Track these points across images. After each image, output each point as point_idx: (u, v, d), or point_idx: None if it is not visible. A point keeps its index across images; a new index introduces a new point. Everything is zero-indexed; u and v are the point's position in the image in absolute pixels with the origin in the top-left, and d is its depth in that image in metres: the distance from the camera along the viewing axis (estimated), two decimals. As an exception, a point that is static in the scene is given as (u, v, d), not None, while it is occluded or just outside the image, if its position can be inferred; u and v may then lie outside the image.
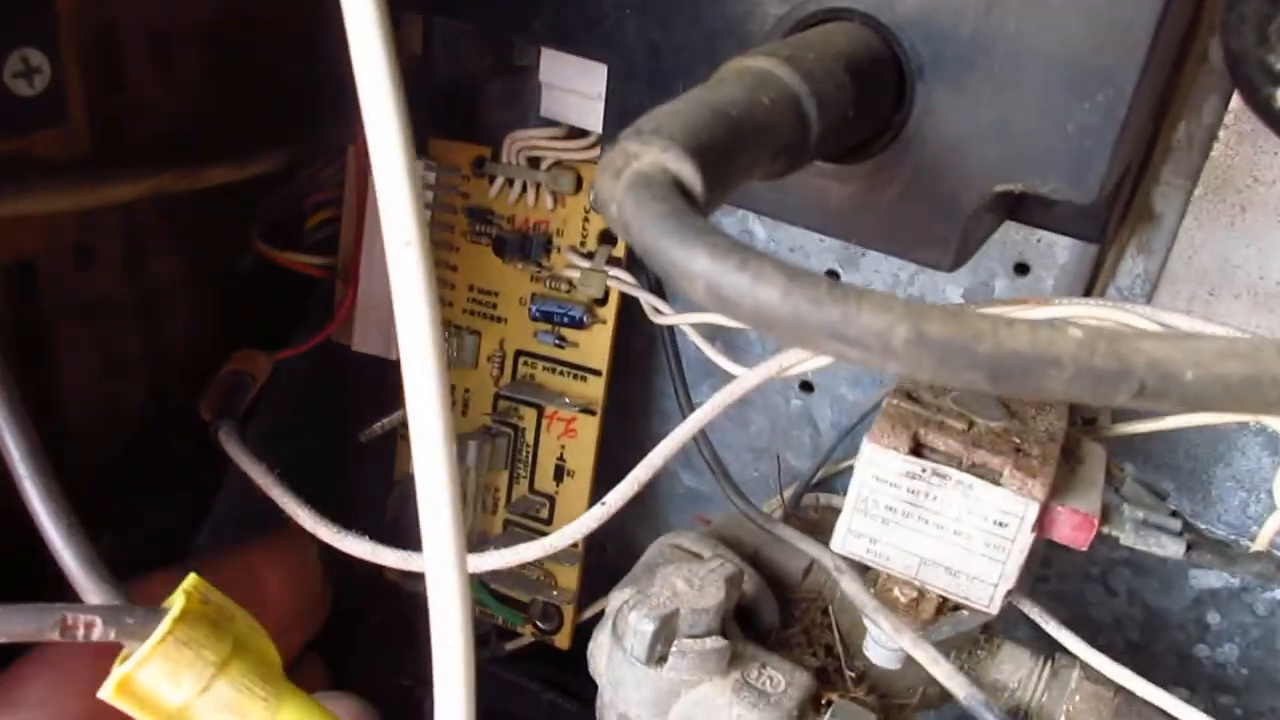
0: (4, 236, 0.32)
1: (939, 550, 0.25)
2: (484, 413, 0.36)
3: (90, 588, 0.19)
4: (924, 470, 0.24)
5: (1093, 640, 0.27)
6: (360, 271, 0.36)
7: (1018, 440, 0.25)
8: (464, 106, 0.37)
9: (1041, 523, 0.24)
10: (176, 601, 0.18)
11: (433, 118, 0.37)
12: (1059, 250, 0.30)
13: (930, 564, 0.25)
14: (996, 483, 0.24)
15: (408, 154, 0.15)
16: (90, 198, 0.33)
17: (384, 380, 0.37)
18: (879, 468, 0.24)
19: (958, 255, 0.24)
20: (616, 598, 0.26)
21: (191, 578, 0.19)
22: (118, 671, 0.18)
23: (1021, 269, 0.31)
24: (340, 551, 0.33)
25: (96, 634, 0.18)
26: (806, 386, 0.36)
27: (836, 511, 0.34)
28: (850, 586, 0.26)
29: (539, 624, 0.37)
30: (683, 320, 0.31)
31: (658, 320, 0.32)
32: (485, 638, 0.39)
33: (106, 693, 0.18)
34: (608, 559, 0.39)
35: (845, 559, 0.26)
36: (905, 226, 0.24)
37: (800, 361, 0.26)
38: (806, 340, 0.15)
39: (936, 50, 0.22)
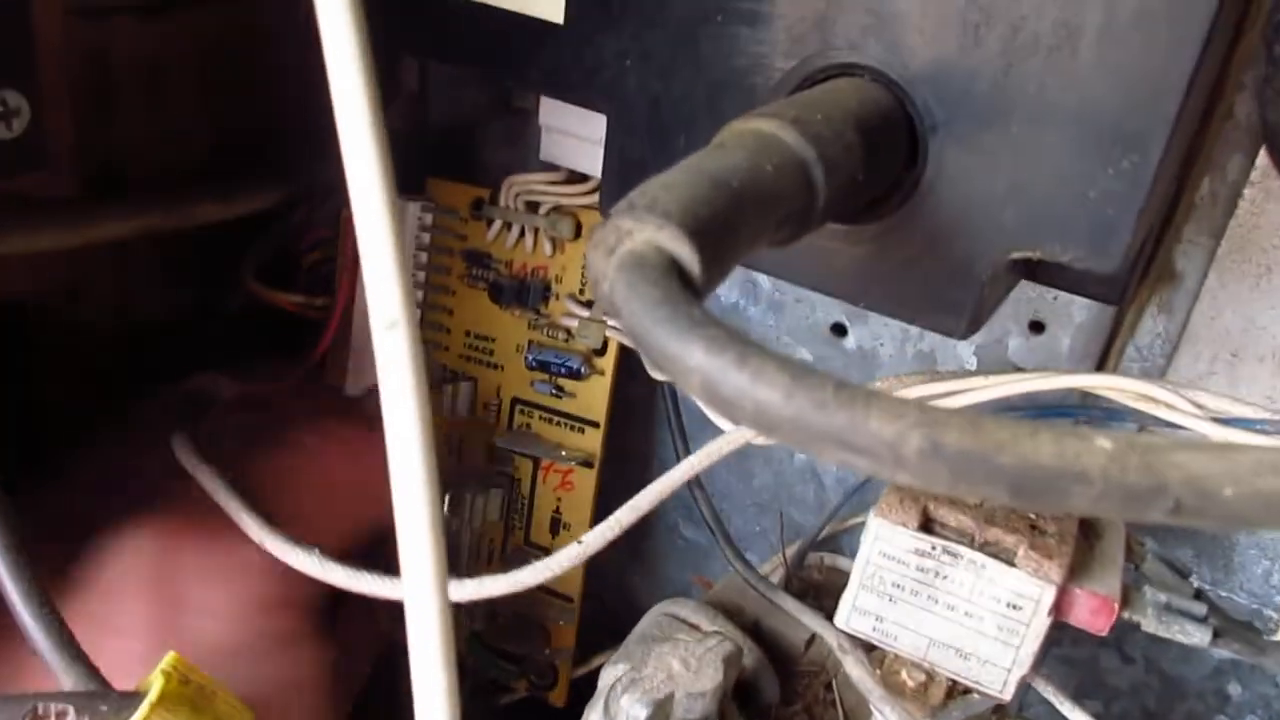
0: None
1: (949, 632, 0.23)
2: (479, 462, 0.35)
3: (62, 668, 0.18)
4: (934, 548, 0.23)
5: (1108, 708, 0.26)
6: (356, 312, 0.34)
7: (1033, 517, 0.24)
8: (462, 147, 0.36)
9: (1059, 605, 0.23)
10: (154, 684, 0.17)
11: (430, 157, 0.36)
12: (1076, 309, 0.29)
13: (940, 645, 0.24)
14: (1010, 563, 0.23)
15: (394, 230, 0.14)
16: (75, 237, 0.32)
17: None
18: (886, 544, 0.23)
19: (971, 322, 0.23)
20: (609, 674, 0.25)
21: (171, 656, 0.18)
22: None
23: (1037, 327, 0.29)
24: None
25: None
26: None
27: (842, 573, 0.33)
28: (855, 670, 0.24)
29: (533, 679, 0.36)
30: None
31: (656, 375, 0.31)
32: (477, 691, 0.38)
33: None
34: (605, 612, 0.38)
35: (850, 637, 0.25)
36: (916, 291, 0.23)
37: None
38: (810, 446, 0.13)
39: (951, 109, 0.21)
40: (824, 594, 0.31)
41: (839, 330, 0.33)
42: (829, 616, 0.28)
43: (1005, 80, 0.20)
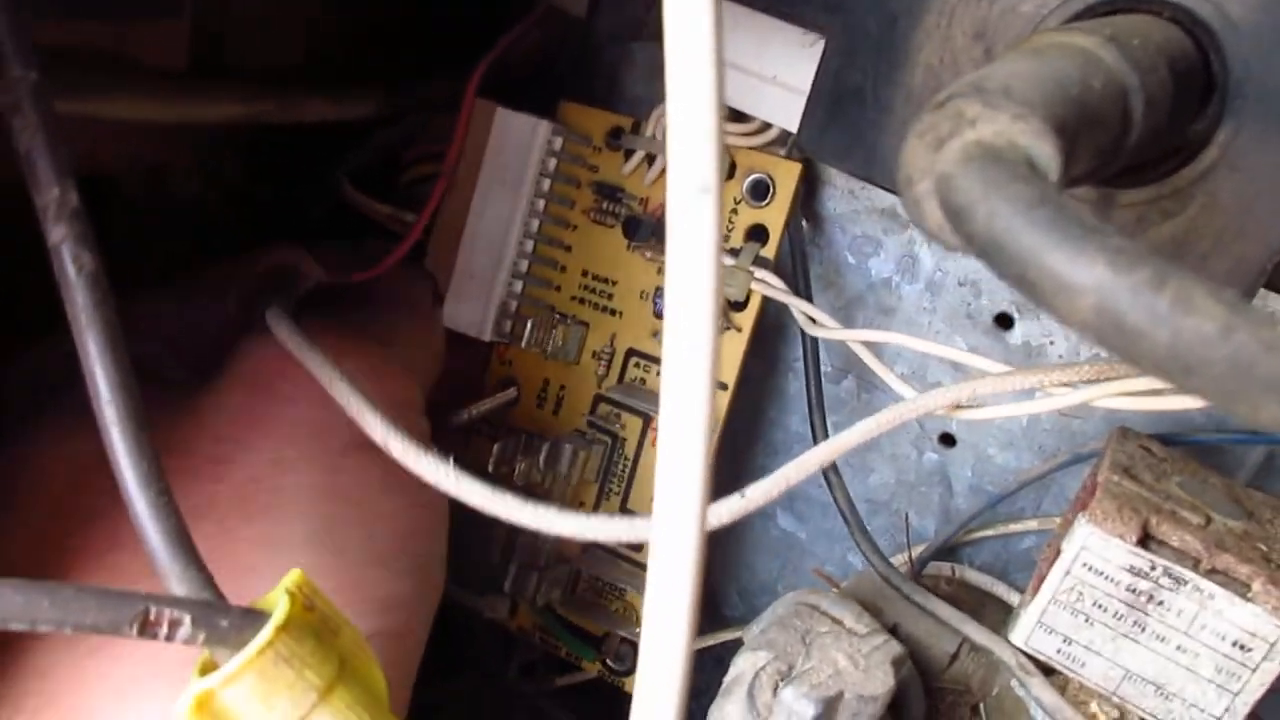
0: (83, 145, 0.28)
1: (1154, 666, 0.20)
2: (580, 414, 0.32)
3: (176, 573, 0.15)
4: (1153, 568, 0.20)
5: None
6: (464, 237, 0.32)
7: (1264, 547, 0.21)
8: (609, 71, 0.33)
9: (1288, 652, 0.20)
10: (279, 604, 0.14)
11: (572, 81, 0.33)
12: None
13: (1138, 680, 0.21)
14: (1245, 596, 0.20)
15: (718, 82, 0.11)
16: (183, 113, 0.29)
17: (470, 360, 0.33)
18: (1095, 556, 0.20)
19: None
20: (746, 661, 0.22)
21: (296, 574, 0.15)
22: (198, 685, 0.14)
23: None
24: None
25: (182, 635, 0.14)
26: (947, 439, 0.32)
27: (973, 589, 0.30)
28: (1046, 695, 0.21)
29: (610, 663, 0.33)
30: (850, 336, 0.27)
31: (814, 333, 0.28)
32: (530, 667, 0.35)
33: (182, 710, 0.14)
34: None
35: (1029, 657, 0.22)
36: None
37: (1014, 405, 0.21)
38: (1241, 398, 0.10)
39: (1266, 68, 0.18)
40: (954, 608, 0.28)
41: (1004, 321, 0.30)
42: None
43: (1346, 35, 0.17)
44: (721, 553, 0.37)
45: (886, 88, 0.22)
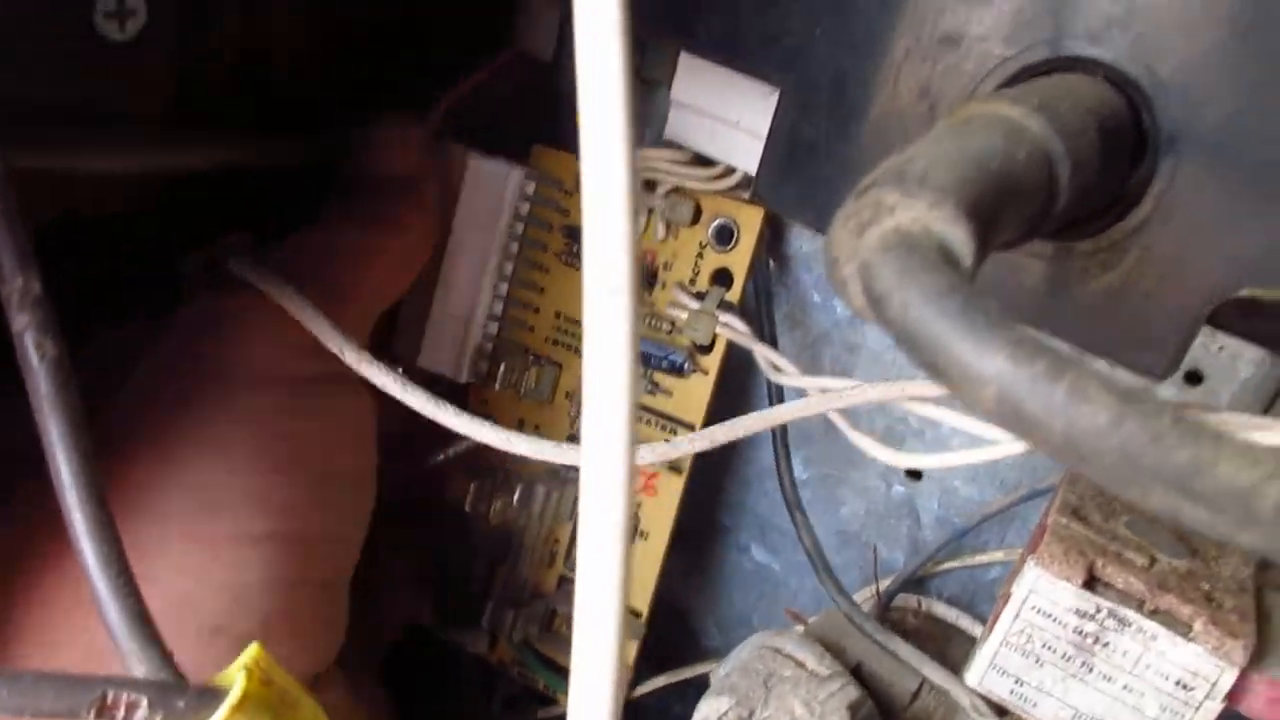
0: (55, 191, 0.29)
1: (1101, 705, 0.21)
2: (553, 453, 0.33)
3: (135, 652, 0.15)
4: (1099, 610, 0.20)
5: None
6: (439, 285, 0.32)
7: (1207, 586, 0.21)
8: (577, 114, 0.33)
9: (1232, 692, 0.20)
10: (236, 681, 0.15)
11: (542, 125, 0.33)
12: (1242, 364, 0.26)
13: None
14: (1187, 636, 0.20)
15: (631, 189, 0.12)
16: (153, 163, 0.29)
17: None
18: (1044, 599, 0.21)
19: (1173, 362, 0.20)
20: (711, 707, 0.23)
21: (253, 649, 0.15)
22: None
23: (1194, 378, 0.27)
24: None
25: (139, 717, 0.14)
26: (914, 473, 0.32)
27: (939, 621, 0.31)
28: (997, 736, 0.22)
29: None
30: (811, 384, 0.27)
31: (778, 380, 0.28)
32: (513, 700, 0.35)
33: None
34: (657, 628, 0.35)
35: (984, 698, 0.22)
36: (1116, 322, 0.20)
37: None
38: (1131, 485, 0.11)
39: (1197, 121, 0.19)
40: (920, 643, 0.28)
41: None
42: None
43: (1268, 96, 0.18)
44: (698, 585, 0.38)
45: (838, 142, 0.22)
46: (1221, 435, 0.11)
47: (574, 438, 0.33)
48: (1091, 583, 0.21)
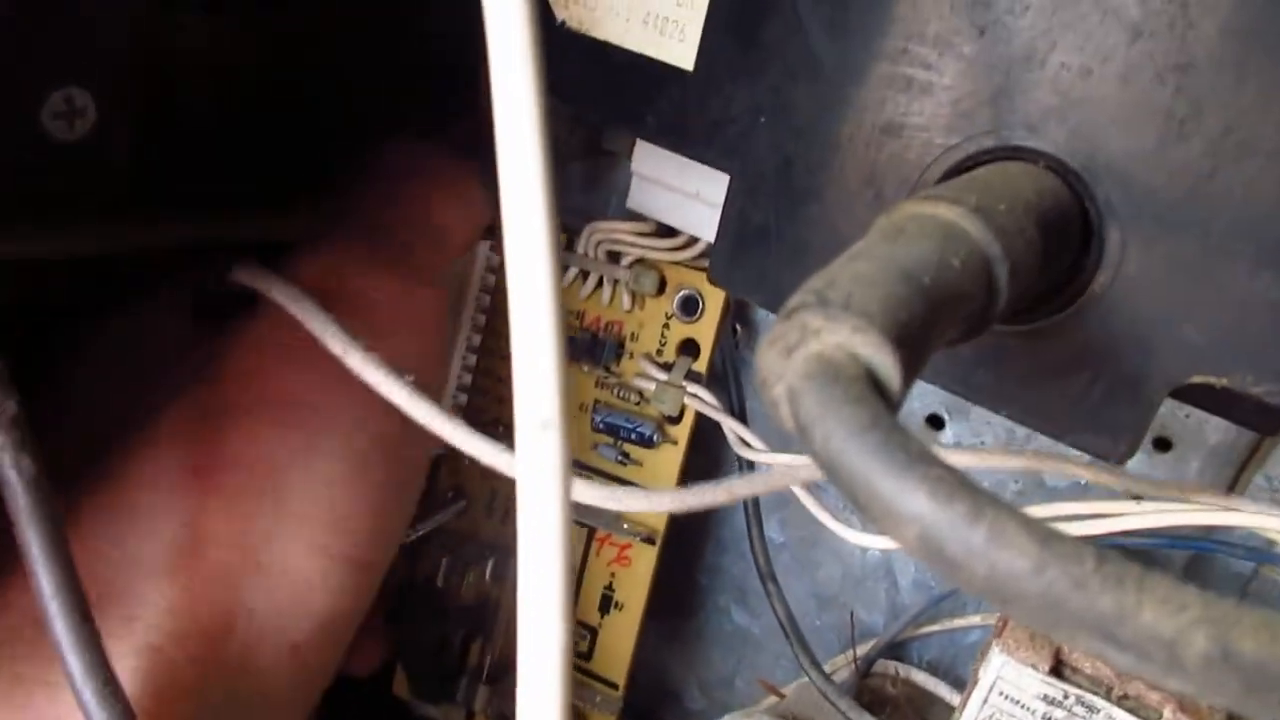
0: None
1: (1073, 792, 0.21)
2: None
3: (95, 706, 0.15)
4: (1065, 696, 0.20)
5: None
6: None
7: (1176, 667, 0.21)
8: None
9: (1202, 776, 0.20)
10: None
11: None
12: (1210, 430, 0.26)
13: (1060, 805, 0.21)
14: (1155, 723, 0.20)
15: (558, 319, 0.12)
16: (112, 246, 0.29)
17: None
18: (1010, 685, 0.21)
19: (1132, 446, 0.20)
20: (678, 798, 0.22)
21: None
22: None
23: (1162, 444, 0.27)
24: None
25: None
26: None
27: (919, 689, 0.30)
28: (966, 827, 0.22)
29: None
30: (779, 460, 0.27)
31: (746, 455, 0.28)
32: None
33: None
34: (638, 693, 0.35)
35: (954, 782, 0.22)
36: (1071, 405, 0.20)
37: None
38: (1056, 629, 0.11)
39: (1139, 209, 0.19)
40: (899, 711, 0.28)
41: (935, 423, 0.30)
42: (908, 740, 0.25)
43: (1208, 184, 0.18)
44: (680, 647, 0.37)
45: (788, 225, 0.22)
46: (1145, 581, 0.10)
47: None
48: (1059, 668, 0.21)
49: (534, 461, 0.12)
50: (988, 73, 0.19)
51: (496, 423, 0.33)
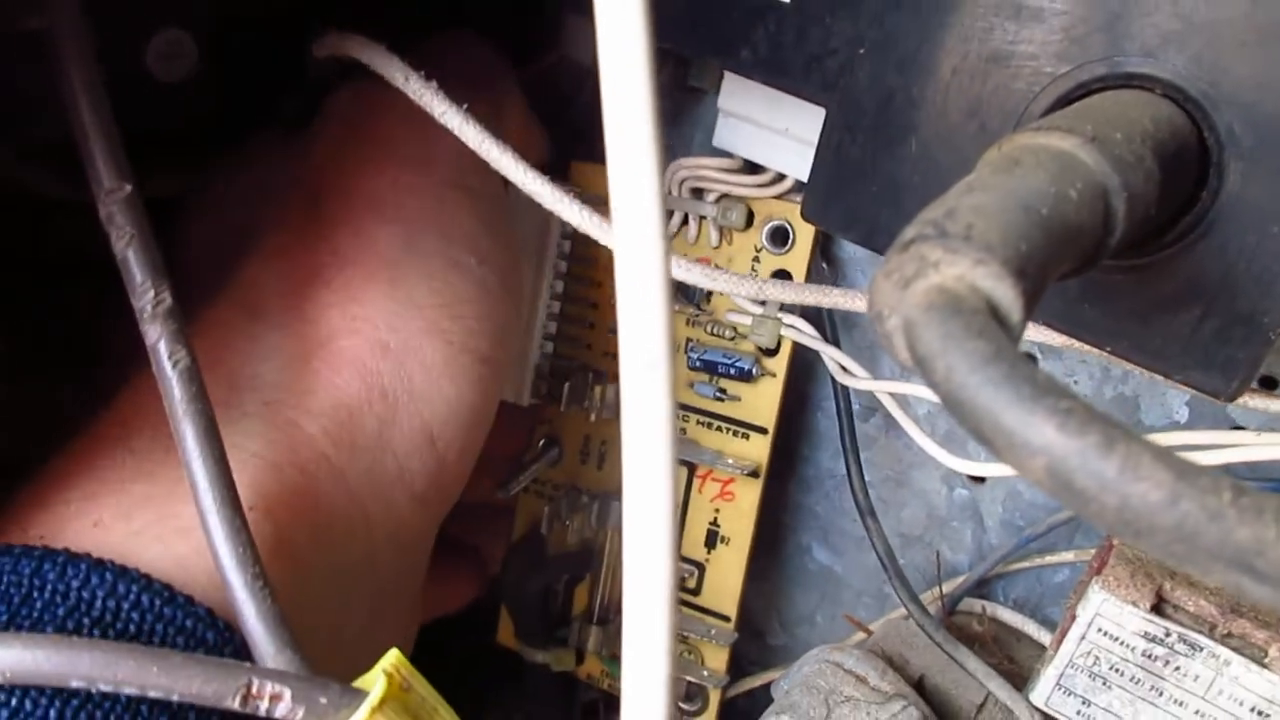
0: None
1: (1172, 729, 0.21)
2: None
3: (271, 654, 0.16)
4: (1168, 634, 0.20)
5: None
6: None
7: (1283, 608, 0.21)
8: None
9: (1309, 716, 0.20)
10: (376, 683, 0.15)
11: (581, 138, 0.33)
12: (1319, 367, 0.25)
13: (1158, 742, 0.21)
14: (1261, 662, 0.20)
15: (664, 258, 0.12)
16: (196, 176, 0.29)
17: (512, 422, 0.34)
18: (1110, 622, 0.20)
19: (1243, 383, 0.20)
20: (772, 727, 0.23)
21: (394, 654, 0.16)
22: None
23: (1270, 383, 0.26)
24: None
25: (282, 709, 0.15)
26: (977, 476, 0.32)
27: (1006, 627, 0.30)
28: (1063, 761, 0.22)
29: (681, 704, 0.34)
30: (879, 387, 0.27)
31: (846, 382, 0.28)
32: (593, 706, 0.36)
33: None
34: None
35: (1047, 717, 0.22)
36: (1181, 341, 0.20)
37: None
38: (1189, 562, 0.11)
39: (1261, 138, 0.18)
40: (985, 648, 0.28)
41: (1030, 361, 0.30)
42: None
43: (1340, 108, 0.17)
44: (762, 584, 0.38)
45: (886, 162, 0.22)
46: (1283, 510, 0.10)
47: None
48: (1160, 606, 0.20)
49: (640, 402, 0.12)
50: (1103, -3, 0.19)
51: (585, 368, 0.33)
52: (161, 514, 0.19)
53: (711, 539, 0.32)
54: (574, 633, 0.33)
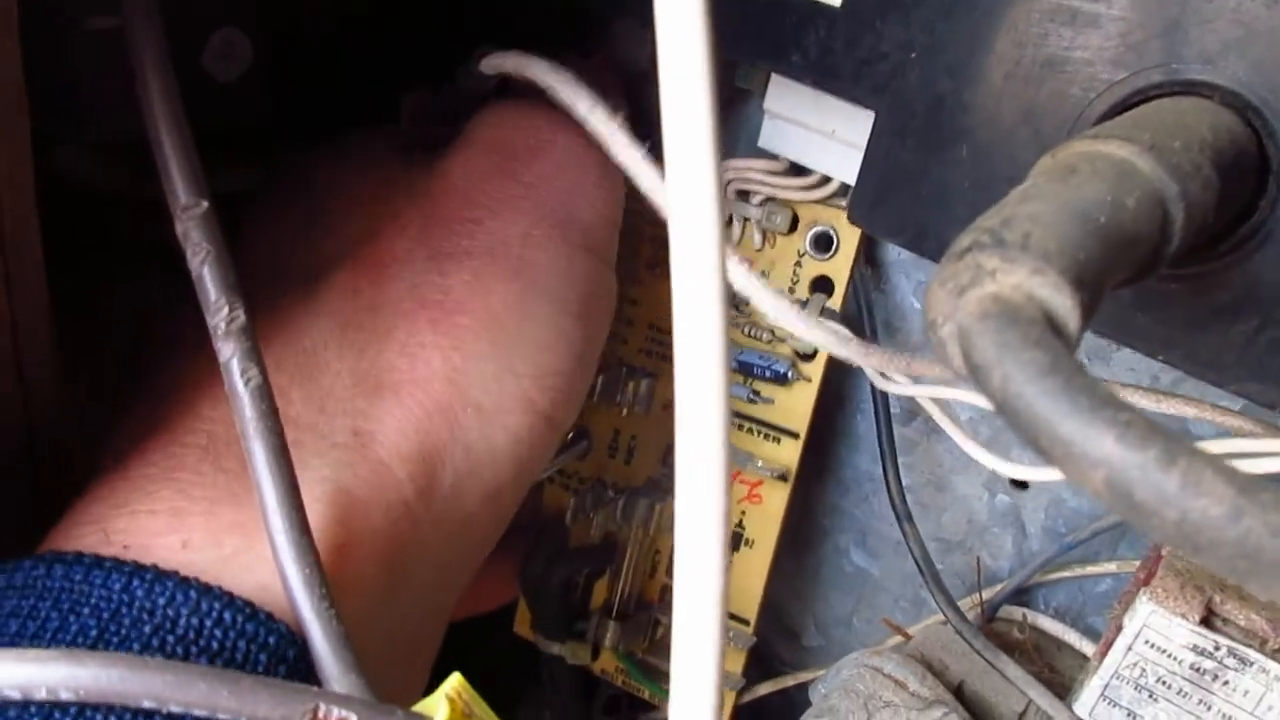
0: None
1: (1220, 743, 0.20)
2: (652, 463, 0.33)
3: (338, 674, 0.16)
4: (1217, 648, 0.20)
5: None
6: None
7: (1334, 624, 0.20)
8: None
9: (1360, 733, 0.20)
10: (439, 709, 0.16)
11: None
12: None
13: (1204, 756, 0.21)
14: (1312, 678, 0.19)
15: (720, 270, 0.12)
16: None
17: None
18: (1157, 634, 0.20)
19: (1298, 395, 0.19)
20: (811, 731, 0.23)
21: (456, 679, 0.16)
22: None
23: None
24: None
25: None
26: (1020, 482, 0.32)
27: (1047, 636, 0.30)
28: (1107, 773, 0.21)
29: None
30: (919, 393, 0.27)
31: (885, 388, 0.28)
32: (614, 703, 0.36)
33: None
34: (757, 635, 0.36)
35: (1092, 728, 0.22)
36: (1235, 352, 0.20)
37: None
38: (1251, 578, 0.11)
39: (1322, 147, 0.18)
40: (1024, 656, 0.28)
41: (1073, 367, 0.29)
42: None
43: (1404, 118, 0.17)
44: (799, 586, 0.38)
45: (936, 167, 0.22)
46: (1347, 529, 0.10)
47: (671, 451, 0.33)
48: (1209, 619, 0.20)
49: (695, 400, 0.12)
50: (1161, 3, 0.18)
51: (620, 363, 0.33)
52: (250, 541, 0.19)
53: (736, 541, 0.32)
54: (591, 627, 0.33)
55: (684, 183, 0.13)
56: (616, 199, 0.27)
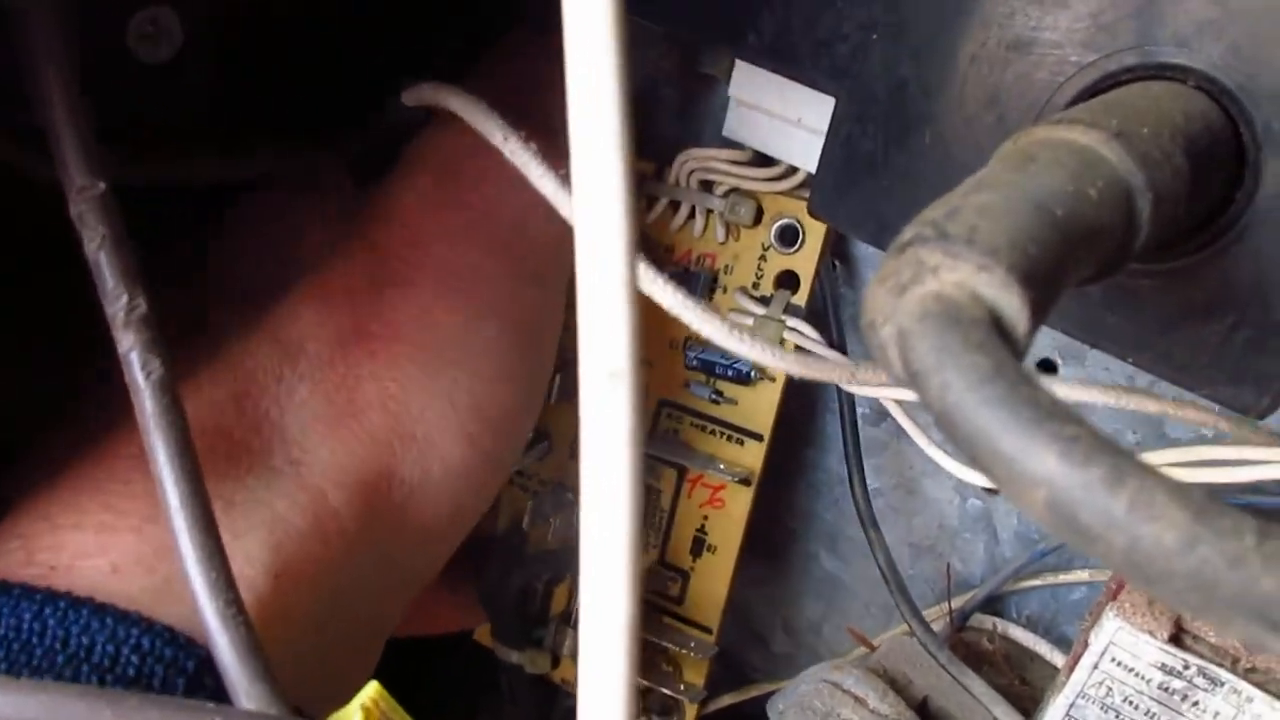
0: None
1: (1190, 767, 0.19)
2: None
3: (244, 687, 0.15)
4: (1187, 667, 0.19)
5: None
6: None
7: (1312, 641, 0.19)
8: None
9: (1337, 759, 0.18)
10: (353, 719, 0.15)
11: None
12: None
13: (1173, 781, 0.20)
14: (1286, 700, 0.18)
15: (629, 267, 0.11)
16: (220, 173, 0.28)
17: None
18: (1125, 652, 0.19)
19: (1276, 398, 0.18)
20: (764, 750, 0.22)
21: (373, 687, 0.15)
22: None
23: (1304, 397, 0.25)
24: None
25: None
26: (991, 487, 0.31)
27: (1018, 646, 0.29)
28: (1070, 799, 0.20)
29: (655, 717, 0.33)
30: (884, 394, 0.26)
31: (849, 388, 0.27)
32: (574, 712, 0.35)
33: None
34: (723, 630, 0.34)
35: (1057, 750, 0.21)
36: (1208, 354, 0.18)
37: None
38: (1206, 612, 0.09)
39: (1302, 137, 0.16)
40: (995, 669, 0.27)
41: (1047, 367, 0.28)
42: (1006, 698, 0.24)
43: (1390, 105, 0.16)
44: (768, 591, 0.37)
45: (899, 154, 0.21)
46: (1314, 560, 0.09)
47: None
48: (1179, 636, 0.19)
49: (600, 417, 0.11)
50: (1133, -19, 0.17)
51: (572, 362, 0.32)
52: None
53: (698, 546, 0.31)
54: (550, 634, 0.32)
55: (590, 220, 0.11)
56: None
